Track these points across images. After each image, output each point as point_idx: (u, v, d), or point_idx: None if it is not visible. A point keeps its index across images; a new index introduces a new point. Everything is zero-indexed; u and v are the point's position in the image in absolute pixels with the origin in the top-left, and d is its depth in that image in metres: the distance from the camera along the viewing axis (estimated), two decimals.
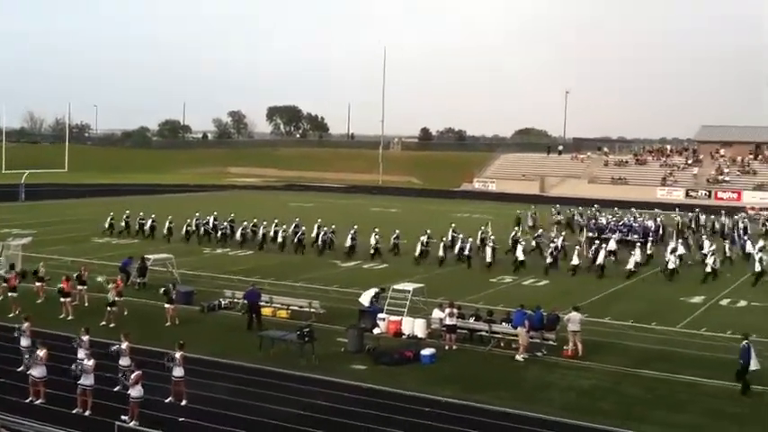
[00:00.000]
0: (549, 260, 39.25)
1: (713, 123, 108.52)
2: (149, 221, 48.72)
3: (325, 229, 44.43)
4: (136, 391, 18.25)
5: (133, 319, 27.41)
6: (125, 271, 33.16)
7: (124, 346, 20.30)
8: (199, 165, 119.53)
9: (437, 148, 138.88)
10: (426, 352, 24.08)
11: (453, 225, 45.59)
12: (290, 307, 29.21)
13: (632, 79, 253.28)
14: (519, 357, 24.12)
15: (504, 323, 25.90)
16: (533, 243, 43.30)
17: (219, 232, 46.94)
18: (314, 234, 44.55)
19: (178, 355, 19.66)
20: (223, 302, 30.13)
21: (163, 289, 28.76)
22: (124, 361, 20.01)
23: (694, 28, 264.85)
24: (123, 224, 49.73)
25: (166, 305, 27.89)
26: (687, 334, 27.11)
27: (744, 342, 22.02)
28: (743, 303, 32.62)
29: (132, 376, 18.36)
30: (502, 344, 25.47)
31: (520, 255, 39.36)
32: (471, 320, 26.51)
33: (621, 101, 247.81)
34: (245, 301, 28.23)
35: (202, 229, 47.47)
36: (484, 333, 25.97)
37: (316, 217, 48.94)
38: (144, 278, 33.24)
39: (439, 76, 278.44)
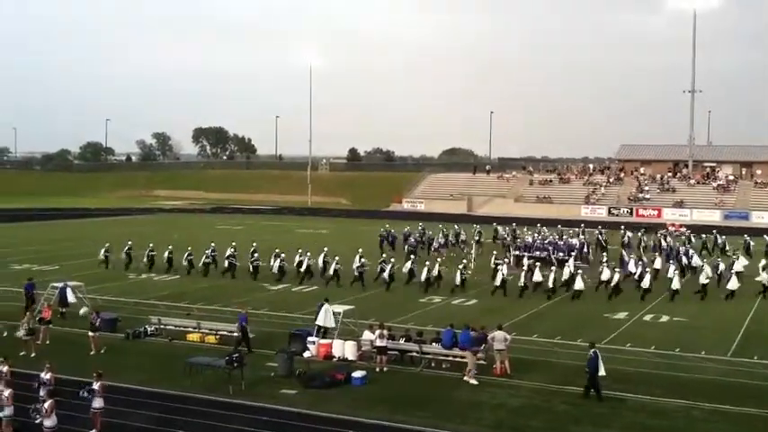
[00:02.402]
0: (458, 280, 39.11)
1: (633, 143, 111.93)
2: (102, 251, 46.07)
3: (256, 254, 43.59)
4: (50, 421, 17.73)
5: (57, 348, 26.61)
6: (29, 296, 32.17)
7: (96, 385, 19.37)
8: (123, 188, 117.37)
9: (365, 168, 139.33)
10: (357, 374, 23.97)
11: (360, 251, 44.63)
12: (219, 332, 28.74)
13: (555, 100, 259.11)
14: (473, 381, 24.00)
15: (433, 343, 26.03)
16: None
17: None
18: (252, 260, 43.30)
19: (97, 385, 19.10)
20: (149, 329, 29.45)
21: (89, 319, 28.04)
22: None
23: (612, 49, 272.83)
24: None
25: (90, 333, 27.14)
26: (612, 350, 27.58)
27: (591, 351, 22.94)
28: (665, 319, 33.43)
29: (46, 406, 17.80)
30: (433, 364, 25.56)
31: (435, 271, 39.23)
32: (402, 341, 26.52)
33: (545, 121, 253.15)
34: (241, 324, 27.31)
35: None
36: (414, 354, 26.01)
37: (244, 239, 48.36)
38: (66, 306, 32.27)
39: (366, 97, 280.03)
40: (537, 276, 38.35)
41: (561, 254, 46.98)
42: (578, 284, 37.13)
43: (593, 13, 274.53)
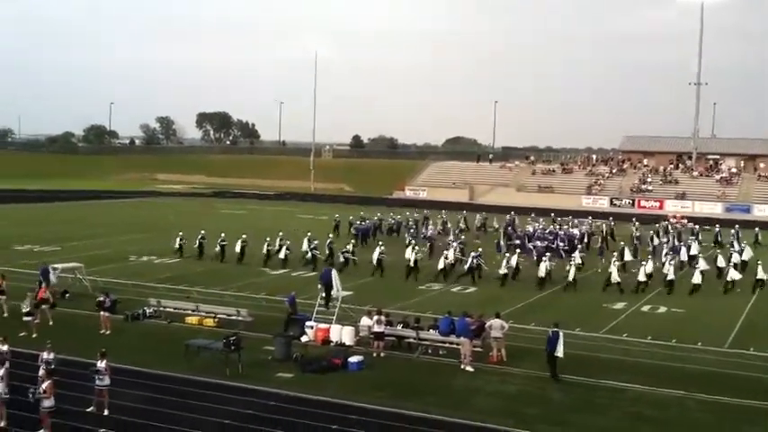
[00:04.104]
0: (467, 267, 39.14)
1: (636, 134, 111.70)
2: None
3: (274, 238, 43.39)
4: (48, 402, 17.82)
5: (59, 329, 26.82)
6: (45, 278, 32.26)
7: (102, 364, 19.52)
8: (126, 171, 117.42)
9: (369, 155, 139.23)
10: (354, 359, 24.08)
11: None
12: (218, 315, 28.88)
13: (559, 91, 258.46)
14: (469, 368, 24.10)
15: (431, 330, 26.14)
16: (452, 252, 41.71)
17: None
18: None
19: (102, 364, 19.29)
20: (147, 311, 29.59)
21: (100, 298, 28.33)
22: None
23: (617, 41, 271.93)
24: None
25: (101, 313, 27.59)
26: (610, 339, 27.73)
27: (551, 331, 23.33)
28: (663, 310, 33.50)
29: (44, 386, 17.87)
30: (429, 350, 25.68)
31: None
32: (399, 327, 26.63)
33: (549, 112, 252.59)
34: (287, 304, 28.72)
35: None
36: (412, 340, 26.11)
37: (246, 225, 48.37)
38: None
39: (370, 84, 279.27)
40: (541, 271, 38.00)
41: (562, 244, 47.14)
42: (571, 274, 37.19)
43: (599, 6, 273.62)
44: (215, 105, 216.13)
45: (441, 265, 39.20)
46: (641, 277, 36.89)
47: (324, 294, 29.68)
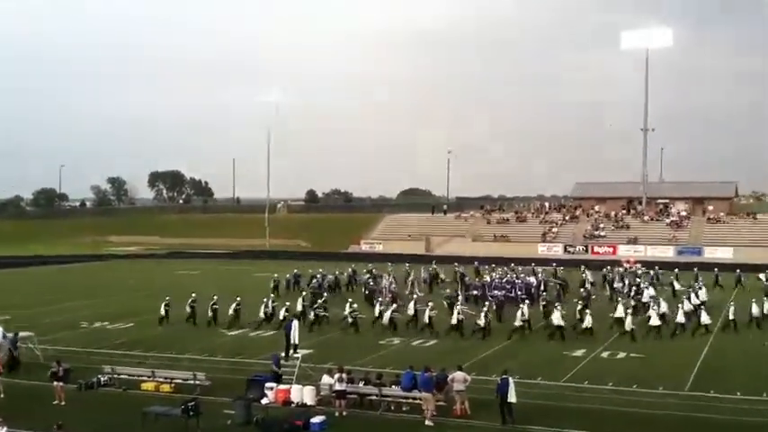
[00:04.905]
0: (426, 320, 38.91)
1: (587, 180, 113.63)
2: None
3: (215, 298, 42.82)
4: None
5: (12, 401, 26.08)
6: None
7: None
8: (77, 234, 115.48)
9: (324, 210, 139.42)
10: (316, 420, 23.68)
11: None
12: (174, 380, 28.25)
13: (510, 140, 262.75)
14: (429, 422, 23.88)
15: (393, 386, 25.87)
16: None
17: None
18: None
19: None
20: (102, 379, 28.82)
21: (53, 368, 27.47)
22: None
23: (565, 87, 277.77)
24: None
25: (55, 383, 26.76)
26: (571, 387, 27.71)
27: (500, 377, 23.88)
28: (622, 355, 33.65)
29: None
30: (392, 407, 25.38)
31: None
32: (361, 384, 26.31)
33: (501, 160, 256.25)
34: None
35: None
36: (374, 397, 25.80)
37: (202, 285, 47.74)
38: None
39: (323, 138, 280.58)
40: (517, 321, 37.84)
41: (520, 293, 47.33)
42: (517, 321, 37.37)
43: (546, 53, 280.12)
44: (167, 164, 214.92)
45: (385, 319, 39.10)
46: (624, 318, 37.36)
47: (285, 344, 29.24)
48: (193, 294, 42.78)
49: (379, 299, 43.73)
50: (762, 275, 52.19)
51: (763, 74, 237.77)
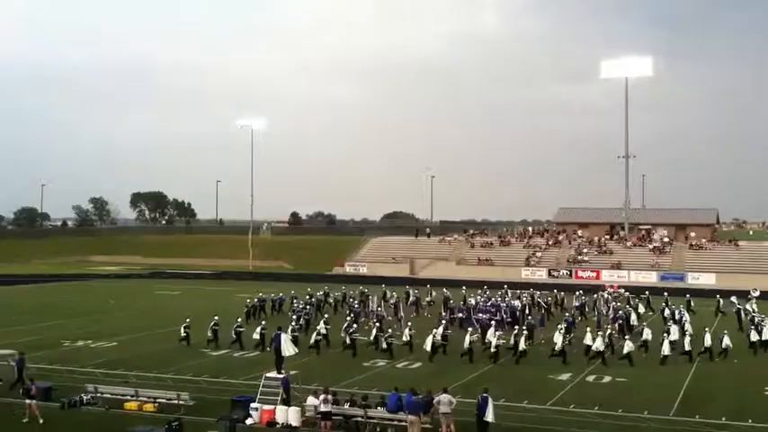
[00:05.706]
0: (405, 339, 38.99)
1: (570, 206, 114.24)
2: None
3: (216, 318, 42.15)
4: None
5: None
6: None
7: None
8: (58, 254, 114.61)
9: (307, 232, 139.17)
10: None
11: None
12: (158, 400, 27.96)
13: (495, 165, 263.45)
14: None
15: (378, 407, 25.73)
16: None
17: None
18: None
19: None
20: (85, 398, 28.47)
21: (24, 387, 27.13)
22: None
23: (550, 116, 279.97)
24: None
25: (27, 401, 26.31)
26: (557, 411, 27.66)
27: (480, 396, 24.09)
28: (608, 379, 33.68)
29: None
30: (378, 429, 25.22)
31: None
32: (346, 406, 26.14)
33: (485, 185, 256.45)
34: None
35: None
36: (359, 419, 25.63)
37: (183, 305, 47.42)
38: None
39: (307, 160, 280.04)
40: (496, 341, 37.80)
41: (505, 316, 47.40)
42: (494, 343, 37.31)
43: (530, 82, 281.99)
44: (150, 185, 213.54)
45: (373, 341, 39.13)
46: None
47: (275, 359, 28.84)
48: (188, 320, 42.27)
49: (370, 322, 43.32)
50: (748, 305, 52.12)
51: (744, 101, 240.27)
